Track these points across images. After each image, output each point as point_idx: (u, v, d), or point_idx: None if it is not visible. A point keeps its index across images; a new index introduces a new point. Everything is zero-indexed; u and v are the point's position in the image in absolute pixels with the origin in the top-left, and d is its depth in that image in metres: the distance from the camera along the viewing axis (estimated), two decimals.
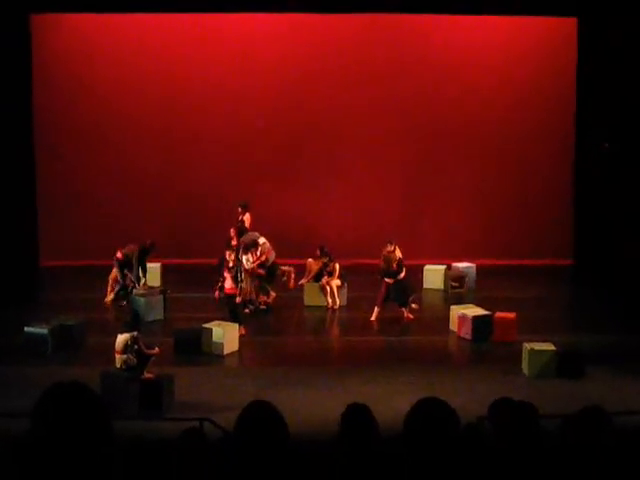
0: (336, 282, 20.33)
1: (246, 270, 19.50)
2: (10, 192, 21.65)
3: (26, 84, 22.66)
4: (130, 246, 20.36)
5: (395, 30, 24.32)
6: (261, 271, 19.95)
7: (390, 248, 19.62)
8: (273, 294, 20.18)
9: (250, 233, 20.80)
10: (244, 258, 19.67)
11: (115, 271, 20.30)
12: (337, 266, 20.41)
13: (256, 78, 24.36)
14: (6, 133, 21.47)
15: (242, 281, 18.64)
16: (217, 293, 18.77)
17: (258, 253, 19.88)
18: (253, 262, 19.70)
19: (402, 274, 19.32)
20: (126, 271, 20.30)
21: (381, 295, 19.21)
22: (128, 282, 20.26)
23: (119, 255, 20.21)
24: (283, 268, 20.63)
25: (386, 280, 19.22)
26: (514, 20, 23.75)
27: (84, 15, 23.21)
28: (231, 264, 18.53)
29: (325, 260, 20.43)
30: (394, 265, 19.31)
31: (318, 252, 20.62)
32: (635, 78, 21.05)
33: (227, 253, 18.77)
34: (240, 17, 23.74)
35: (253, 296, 19.78)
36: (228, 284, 18.36)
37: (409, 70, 24.55)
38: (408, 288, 19.46)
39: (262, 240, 20.22)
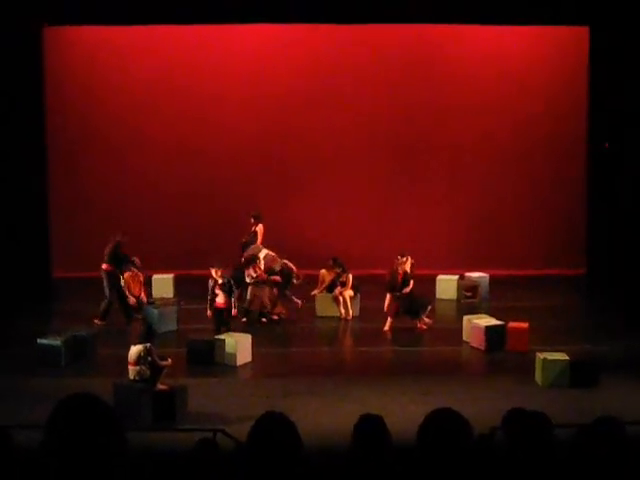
0: (349, 293, 20.32)
1: (253, 284, 19.68)
2: (23, 203, 21.72)
3: (39, 95, 22.75)
4: (107, 249, 19.98)
5: (404, 40, 24.39)
6: (277, 278, 20.02)
7: (401, 260, 19.58)
8: (298, 301, 20.29)
9: (252, 247, 20.76)
10: (246, 273, 19.80)
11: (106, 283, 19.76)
12: (350, 277, 20.42)
13: (263, 88, 24.45)
14: (19, 144, 21.55)
15: (234, 293, 18.49)
16: (209, 312, 18.40)
17: (262, 266, 19.93)
18: (257, 276, 19.79)
19: (407, 288, 19.29)
20: (106, 286, 20.01)
21: (394, 306, 19.21)
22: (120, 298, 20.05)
23: (105, 267, 19.77)
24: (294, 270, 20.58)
25: (394, 294, 19.23)
26: (526, 30, 23.76)
27: (96, 27, 23.31)
28: (220, 280, 18.23)
29: (338, 271, 20.43)
30: (399, 279, 19.30)
31: (331, 262, 20.60)
32: None
33: (213, 270, 18.44)
34: (247, 30, 23.82)
35: (268, 307, 19.86)
36: (220, 299, 18.16)
37: (418, 79, 24.59)
38: (420, 302, 19.38)
39: (263, 253, 20.24)
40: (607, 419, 4.95)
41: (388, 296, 19.34)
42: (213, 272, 18.30)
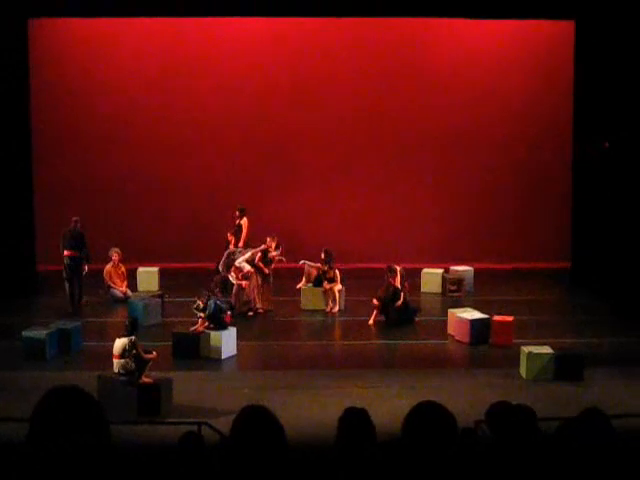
0: (338, 287, 20.36)
1: (239, 281, 19.77)
2: (7, 196, 21.64)
3: (24, 89, 22.63)
4: (70, 235, 20.44)
5: (388, 35, 24.38)
6: (259, 256, 20.17)
7: (391, 276, 19.54)
8: (282, 258, 20.47)
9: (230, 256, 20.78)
10: (230, 277, 19.93)
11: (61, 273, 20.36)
12: (337, 272, 20.44)
13: (252, 83, 24.43)
14: (3, 137, 21.45)
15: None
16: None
17: (244, 268, 20.00)
18: (242, 275, 19.92)
19: (398, 302, 19.31)
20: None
21: (380, 301, 19.24)
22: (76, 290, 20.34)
23: (69, 253, 20.38)
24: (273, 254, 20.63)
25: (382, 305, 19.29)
26: (512, 24, 23.79)
27: (81, 20, 23.22)
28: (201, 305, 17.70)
29: (325, 268, 20.43)
30: (390, 295, 19.35)
31: (323, 255, 20.60)
32: (633, 80, 21.07)
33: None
34: (237, 23, 23.78)
35: (257, 300, 19.94)
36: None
37: (408, 75, 24.60)
38: (409, 311, 19.39)
39: (241, 258, 20.28)
40: (592, 411, 4.96)
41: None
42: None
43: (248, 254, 20.35)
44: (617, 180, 21.67)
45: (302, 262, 20.91)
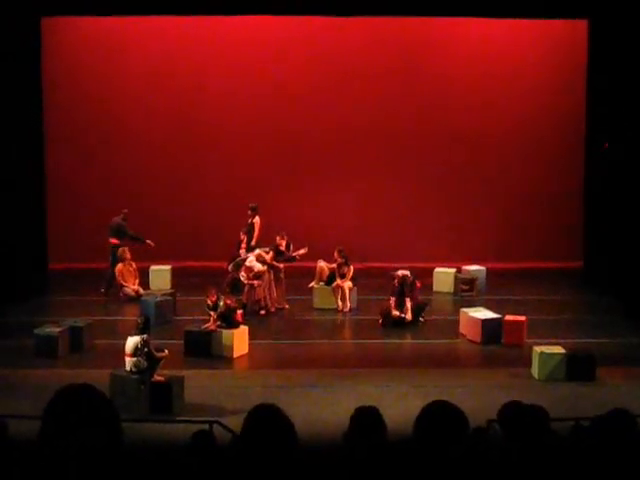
0: (348, 284, 20.33)
1: (250, 280, 19.74)
2: (19, 195, 21.69)
3: (36, 87, 22.70)
4: (110, 228, 21.69)
5: (398, 34, 24.34)
6: (270, 256, 20.15)
7: (394, 282, 19.46)
8: (302, 251, 20.43)
9: (240, 257, 20.83)
10: (241, 276, 19.92)
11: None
12: (352, 268, 20.39)
13: (266, 82, 24.41)
14: (16, 136, 21.49)
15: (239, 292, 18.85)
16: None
17: (255, 268, 19.95)
18: (253, 274, 19.89)
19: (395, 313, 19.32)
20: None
21: (390, 300, 19.22)
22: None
23: (115, 241, 21.52)
24: (299, 252, 20.58)
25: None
26: (524, 23, 23.73)
27: (94, 18, 23.24)
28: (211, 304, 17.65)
29: (341, 262, 20.35)
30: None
31: (336, 254, 20.50)
32: None
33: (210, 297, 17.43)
34: (248, 23, 23.77)
35: (268, 300, 19.92)
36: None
37: (421, 73, 24.56)
38: (417, 308, 19.34)
39: (251, 257, 20.25)
40: (619, 412, 4.95)
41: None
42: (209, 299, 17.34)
43: (258, 252, 20.34)
44: (629, 179, 21.60)
45: (319, 261, 20.87)
